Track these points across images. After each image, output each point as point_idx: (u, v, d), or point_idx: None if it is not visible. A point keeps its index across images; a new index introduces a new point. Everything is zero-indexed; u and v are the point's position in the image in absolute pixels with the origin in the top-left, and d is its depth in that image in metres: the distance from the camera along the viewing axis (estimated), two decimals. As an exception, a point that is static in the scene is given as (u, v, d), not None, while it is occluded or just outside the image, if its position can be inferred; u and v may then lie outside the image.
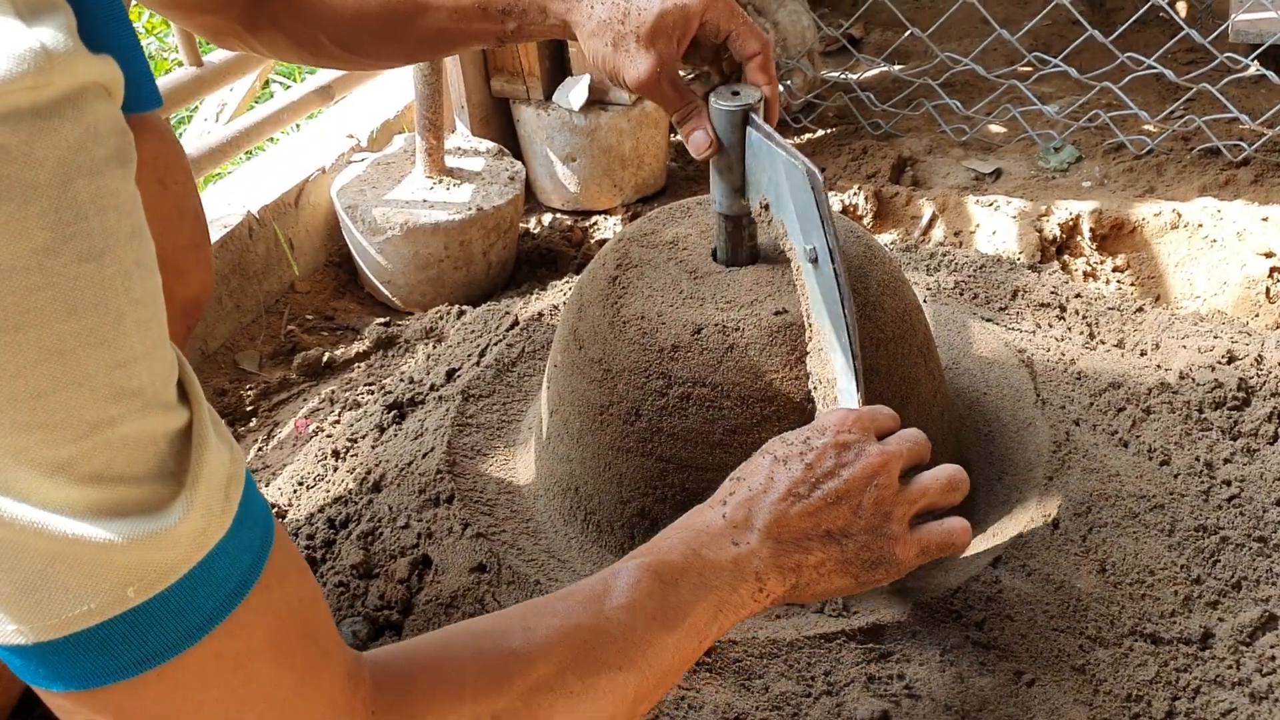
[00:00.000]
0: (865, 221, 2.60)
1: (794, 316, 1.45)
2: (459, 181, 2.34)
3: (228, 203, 2.29)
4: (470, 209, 2.27)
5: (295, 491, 1.73)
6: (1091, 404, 1.70)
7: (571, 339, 1.59)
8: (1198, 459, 1.60)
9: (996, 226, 2.54)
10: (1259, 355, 1.82)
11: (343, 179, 2.37)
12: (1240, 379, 1.71)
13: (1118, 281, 2.48)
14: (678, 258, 1.58)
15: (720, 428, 1.44)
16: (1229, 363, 1.77)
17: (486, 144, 2.51)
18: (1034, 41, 3.30)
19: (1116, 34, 2.69)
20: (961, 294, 2.01)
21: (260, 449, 1.96)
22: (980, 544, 1.52)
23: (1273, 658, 1.31)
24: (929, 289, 2.00)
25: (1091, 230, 2.53)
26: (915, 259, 2.13)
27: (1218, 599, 1.40)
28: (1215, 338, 1.86)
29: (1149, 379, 1.74)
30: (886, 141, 2.91)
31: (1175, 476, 1.57)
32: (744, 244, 1.54)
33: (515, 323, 1.97)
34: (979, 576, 1.45)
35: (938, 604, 1.42)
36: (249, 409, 2.08)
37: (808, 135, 3.02)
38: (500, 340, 1.94)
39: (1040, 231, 2.49)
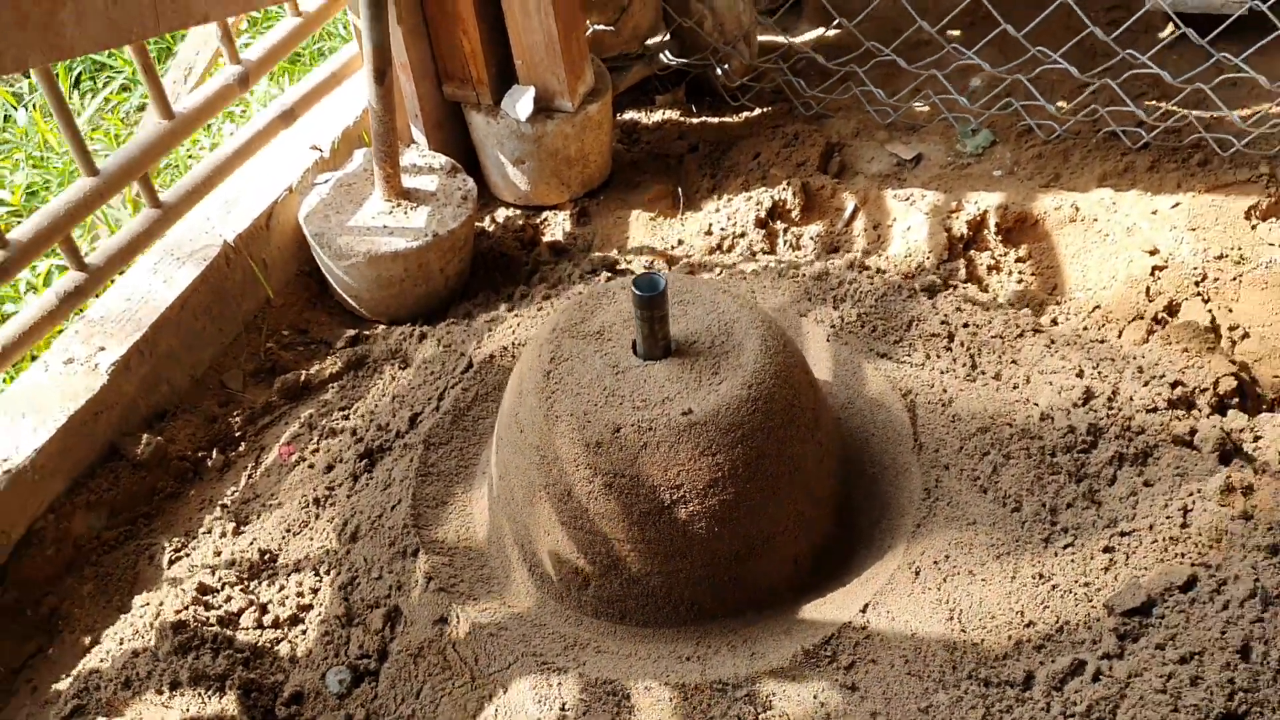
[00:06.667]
0: (794, 214, 2.84)
1: (700, 415, 1.72)
2: (415, 204, 2.56)
3: (205, 232, 2.51)
4: (427, 235, 2.49)
5: (284, 537, 2.02)
6: (961, 448, 1.99)
7: (514, 422, 1.86)
8: (1044, 505, 1.90)
9: (911, 222, 2.77)
10: (1115, 389, 2.10)
11: (309, 203, 2.58)
12: (1090, 423, 1.99)
13: (1019, 273, 2.74)
14: (603, 350, 1.83)
15: (637, 510, 1.73)
16: (1085, 402, 2.05)
17: (440, 160, 2.71)
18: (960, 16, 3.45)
19: (1033, 24, 2.86)
20: (863, 326, 2.26)
21: (250, 476, 2.24)
22: (857, 588, 1.84)
23: (1075, 702, 1.63)
24: (833, 325, 2.25)
25: (997, 225, 2.77)
26: (825, 288, 2.37)
27: (1043, 643, 1.72)
28: (1078, 376, 2.13)
29: (1016, 419, 2.02)
30: (816, 125, 3.10)
31: (1023, 524, 1.87)
32: (658, 341, 1.80)
33: (470, 365, 2.23)
34: (851, 622, 1.77)
35: (815, 650, 1.74)
36: (237, 435, 2.35)
37: (745, 114, 3.21)
38: (456, 383, 2.20)
39: (949, 230, 2.73)
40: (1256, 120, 2.80)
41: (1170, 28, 3.37)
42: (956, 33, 3.37)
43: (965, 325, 2.28)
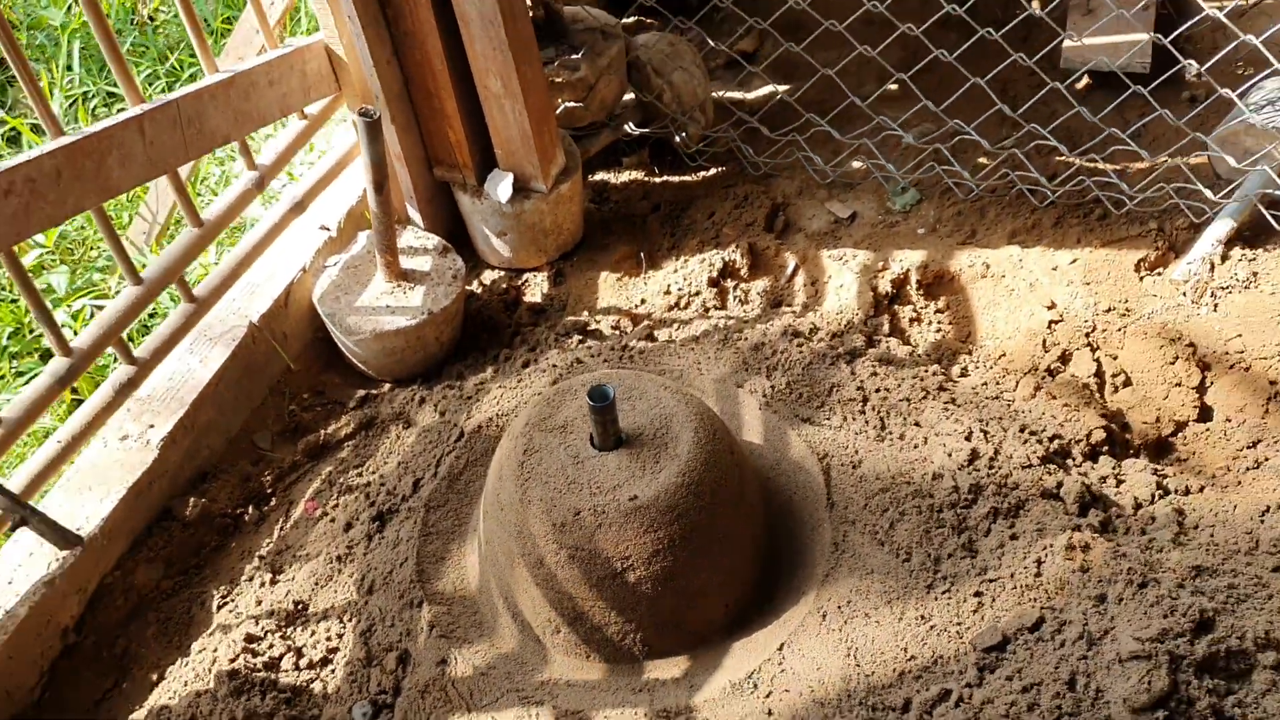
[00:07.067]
0: (743, 273, 3.25)
1: (643, 500, 2.15)
2: (413, 284, 2.97)
3: (233, 313, 2.93)
4: (424, 312, 2.91)
5: (313, 589, 2.46)
6: (866, 505, 2.42)
7: (496, 500, 2.29)
8: (929, 555, 2.33)
9: (843, 280, 3.19)
10: (997, 449, 2.52)
11: (321, 285, 2.99)
12: (972, 483, 2.41)
13: (938, 323, 3.16)
14: (566, 442, 2.26)
15: (595, 576, 2.17)
16: (970, 463, 2.48)
17: (433, 240, 3.12)
18: (900, 61, 3.82)
19: (955, 95, 3.25)
20: (790, 393, 2.69)
21: (281, 529, 2.68)
22: (775, 629, 2.28)
23: (940, 725, 2.07)
24: (765, 394, 2.68)
25: (919, 281, 3.18)
26: (760, 358, 2.79)
27: (920, 674, 2.16)
28: (966, 439, 2.55)
29: (913, 478, 2.45)
30: (764, 185, 3.50)
31: (911, 573, 2.31)
32: (610, 436, 2.22)
33: (461, 435, 2.66)
34: (770, 659, 2.21)
35: (741, 683, 2.18)
36: (269, 491, 2.79)
37: (702, 173, 3.60)
38: (451, 451, 2.63)
39: (875, 289, 3.14)
40: (1142, 186, 3.19)
41: (1086, 79, 3.75)
42: (894, 87, 3.75)
43: (878, 390, 2.70)
